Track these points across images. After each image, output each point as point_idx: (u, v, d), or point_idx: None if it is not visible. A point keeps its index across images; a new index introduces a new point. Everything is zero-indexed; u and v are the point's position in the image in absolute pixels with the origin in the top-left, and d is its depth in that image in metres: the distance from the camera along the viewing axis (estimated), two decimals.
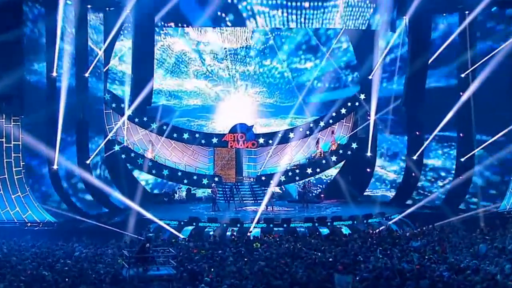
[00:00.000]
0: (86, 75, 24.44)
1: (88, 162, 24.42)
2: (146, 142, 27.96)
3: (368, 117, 27.81)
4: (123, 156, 26.95)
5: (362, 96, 28.33)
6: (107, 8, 25.47)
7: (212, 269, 12.89)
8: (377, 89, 26.56)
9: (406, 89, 26.00)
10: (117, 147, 26.72)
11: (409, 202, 25.68)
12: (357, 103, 28.78)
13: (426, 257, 13.86)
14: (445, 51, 24.84)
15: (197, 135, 28.24)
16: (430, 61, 25.23)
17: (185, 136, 28.13)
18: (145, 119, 27.70)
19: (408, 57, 25.95)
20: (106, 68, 26.25)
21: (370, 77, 27.02)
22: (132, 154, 27.42)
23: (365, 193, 28.47)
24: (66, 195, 22.99)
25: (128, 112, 26.46)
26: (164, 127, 27.72)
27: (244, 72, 29.80)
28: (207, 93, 29.80)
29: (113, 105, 26.98)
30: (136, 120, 27.59)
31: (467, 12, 24.29)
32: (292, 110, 29.34)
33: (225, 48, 29.47)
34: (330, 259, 13.79)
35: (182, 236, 20.00)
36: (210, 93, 29.79)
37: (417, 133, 26.37)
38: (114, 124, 27.19)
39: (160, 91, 29.00)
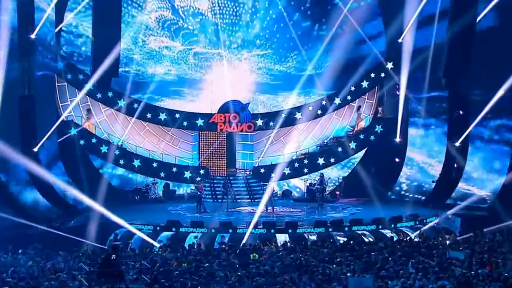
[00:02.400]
0: (32, 36, 24.11)
1: (35, 149, 24.26)
2: (93, 116, 27.33)
3: (397, 92, 27.70)
4: (81, 142, 26.86)
5: (390, 65, 28.20)
6: None
7: (198, 287, 12.74)
8: (409, 56, 26.37)
9: (447, 56, 25.77)
10: (73, 131, 26.58)
11: (450, 201, 25.73)
12: (382, 74, 28.66)
13: (472, 272, 13.75)
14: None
15: (177, 116, 28.13)
16: (478, 20, 24.93)
17: (162, 116, 28.01)
18: (110, 94, 27.54)
19: (450, 14, 25.67)
20: (59, 27, 25.92)
21: (399, 41, 26.85)
22: (94, 140, 27.29)
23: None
24: (6, 192, 22.80)
25: (88, 85, 26.28)
26: (135, 105, 27.62)
27: (236, 23, 29.27)
28: (183, 57, 29.37)
29: (69, 76, 26.78)
30: (99, 95, 27.43)
31: None
32: (299, 82, 29.21)
33: None
34: (348, 274, 13.69)
35: (158, 245, 19.92)
36: (187, 57, 29.33)
37: (460, 112, 26.23)
38: (70, 101, 27.03)
39: (129, 56, 28.69)
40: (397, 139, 28.03)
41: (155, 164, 27.97)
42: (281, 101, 30.15)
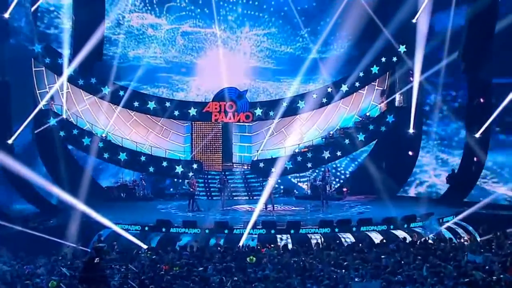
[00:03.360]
0: (6, 16, 24.00)
1: (10, 141, 24.24)
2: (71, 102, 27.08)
3: (411, 78, 27.66)
4: (61, 133, 26.83)
5: (403, 48, 28.12)
6: None
7: None
8: (424, 38, 26.26)
9: (467, 35, 25.65)
10: (52, 121, 26.53)
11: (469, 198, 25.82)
12: (394, 58, 28.60)
13: (494, 277, 13.70)
14: None
15: (167, 104, 28.08)
16: None
17: (151, 105, 27.95)
18: (93, 80, 27.46)
19: None
20: (36, 5, 25.82)
21: (413, 21, 26.78)
22: (75, 131, 27.26)
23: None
24: None
25: (68, 70, 26.19)
26: (121, 93, 27.56)
27: None
28: (171, 38, 29.10)
29: (47, 60, 26.68)
30: (81, 82, 27.37)
31: None
32: (304, 67, 29.08)
33: None
34: (356, 279, 13.65)
35: (146, 247, 19.90)
36: (175, 37, 29.08)
37: (481, 100, 26.16)
38: (49, 87, 26.95)
39: (113, 39, 28.56)
40: (411, 130, 27.99)
41: (143, 158, 27.96)
42: (285, 89, 29.88)
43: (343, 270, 14.73)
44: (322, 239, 20.73)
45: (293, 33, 29.70)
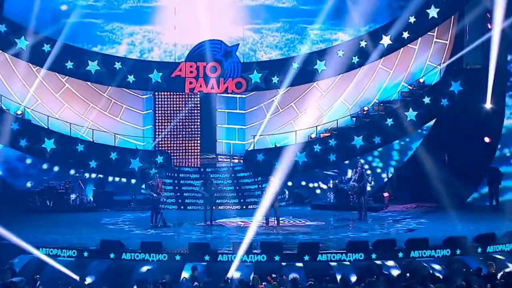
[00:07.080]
0: None
1: None
2: None
3: (489, 25, 27.77)
4: None
5: None
6: None
7: None
8: None
9: None
10: None
11: None
12: None
13: None
14: None
15: (118, 66, 28.10)
16: None
17: (93, 67, 27.96)
18: (2, 28, 27.54)
19: None
20: None
21: None
22: None
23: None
24: None
25: None
26: (46, 47, 27.63)
27: None
28: None
29: None
30: None
31: None
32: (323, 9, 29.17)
33: None
34: None
35: (88, 281, 19.82)
36: None
37: None
38: None
39: None
40: (488, 105, 28.12)
41: (80, 147, 28.01)
42: (317, 47, 29.66)
43: None
44: (346, 263, 20.74)
45: None
